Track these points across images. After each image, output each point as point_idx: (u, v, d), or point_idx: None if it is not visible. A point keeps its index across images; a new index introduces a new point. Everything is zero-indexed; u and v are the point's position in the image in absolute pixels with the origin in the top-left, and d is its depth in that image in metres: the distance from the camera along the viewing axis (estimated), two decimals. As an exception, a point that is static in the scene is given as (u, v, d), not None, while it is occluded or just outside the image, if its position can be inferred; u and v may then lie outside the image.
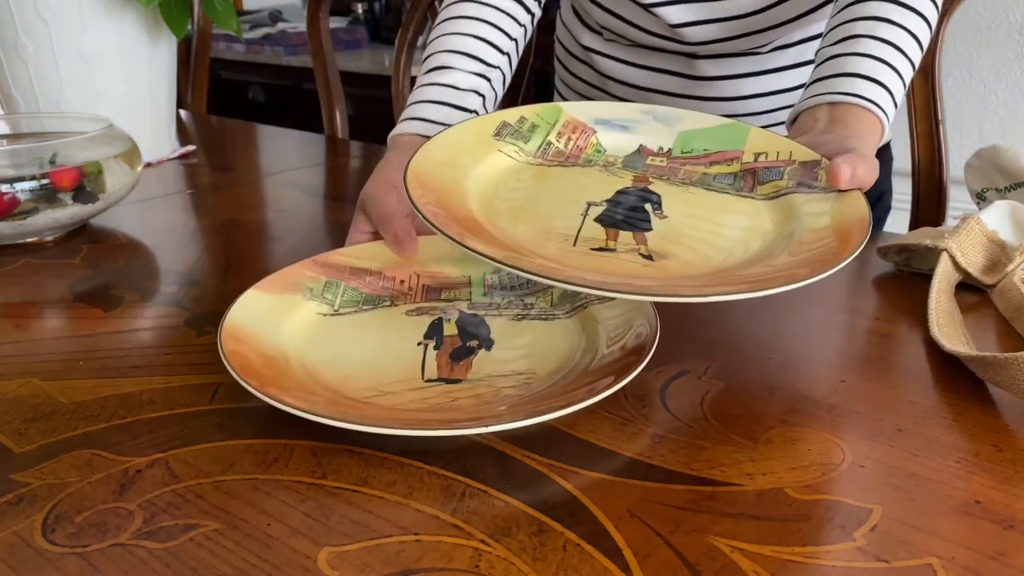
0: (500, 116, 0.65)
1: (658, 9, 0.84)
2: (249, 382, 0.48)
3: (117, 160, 0.83)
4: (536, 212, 0.57)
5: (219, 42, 2.99)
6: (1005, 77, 1.97)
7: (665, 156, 0.61)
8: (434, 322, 0.58)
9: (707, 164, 0.60)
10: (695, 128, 0.63)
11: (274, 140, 1.32)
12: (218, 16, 1.09)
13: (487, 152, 0.62)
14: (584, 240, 0.54)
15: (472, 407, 0.49)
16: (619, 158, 0.62)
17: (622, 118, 0.64)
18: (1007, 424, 0.48)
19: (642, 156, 0.62)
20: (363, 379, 0.52)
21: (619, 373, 0.49)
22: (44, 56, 1.01)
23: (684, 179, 0.59)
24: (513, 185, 0.60)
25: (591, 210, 0.56)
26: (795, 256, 0.50)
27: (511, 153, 0.62)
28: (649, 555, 0.39)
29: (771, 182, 0.56)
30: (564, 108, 0.66)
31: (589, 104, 0.68)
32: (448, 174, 0.58)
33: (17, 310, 0.67)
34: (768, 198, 0.55)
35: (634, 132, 0.64)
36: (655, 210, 0.56)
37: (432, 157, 0.59)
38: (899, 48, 0.63)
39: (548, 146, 0.63)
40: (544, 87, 3.09)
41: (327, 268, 0.62)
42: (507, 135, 0.64)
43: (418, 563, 0.38)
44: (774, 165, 0.57)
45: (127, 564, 0.39)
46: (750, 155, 0.59)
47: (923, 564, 0.38)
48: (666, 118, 0.64)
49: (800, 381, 0.54)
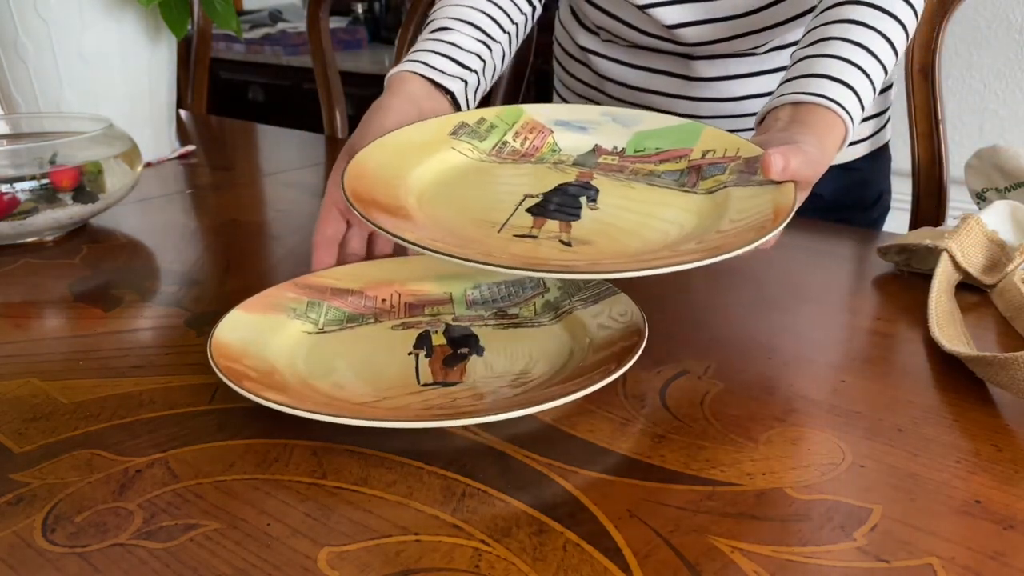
0: (459, 117, 0.65)
1: (653, 10, 0.84)
2: (245, 387, 0.48)
3: (117, 160, 0.83)
4: (474, 203, 0.57)
5: (219, 42, 2.99)
6: (1005, 77, 1.97)
7: (618, 155, 0.62)
8: (421, 334, 0.58)
9: (657, 162, 0.60)
10: (650, 128, 0.63)
11: (274, 140, 1.32)
12: (218, 16, 1.09)
13: (439, 149, 0.62)
14: (511, 228, 0.54)
15: (472, 407, 0.49)
16: (572, 156, 0.62)
17: (581, 120, 0.65)
18: (1007, 424, 0.48)
19: (596, 155, 0.62)
20: (359, 387, 0.52)
21: (612, 369, 0.49)
22: (44, 56, 1.01)
23: (630, 176, 0.59)
24: (459, 179, 0.60)
25: (526, 201, 0.56)
26: (704, 243, 0.50)
27: (464, 151, 0.63)
28: (649, 555, 0.39)
29: (712, 177, 0.56)
30: (525, 110, 0.66)
31: (551, 106, 0.68)
32: (394, 165, 0.59)
33: (17, 310, 0.67)
34: (708, 192, 0.55)
35: (591, 132, 0.64)
36: (589, 202, 0.56)
37: (380, 150, 0.59)
38: (869, 50, 0.63)
39: (504, 145, 0.63)
40: (544, 87, 3.08)
41: (308, 289, 0.62)
42: (464, 134, 0.64)
43: (418, 563, 0.38)
44: (719, 161, 0.57)
45: (127, 564, 0.39)
46: (698, 152, 0.59)
47: (923, 564, 0.38)
48: (625, 119, 0.64)
49: (800, 381, 0.54)
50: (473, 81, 0.75)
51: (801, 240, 0.80)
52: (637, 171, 0.59)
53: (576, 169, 0.60)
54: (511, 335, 0.58)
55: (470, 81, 0.75)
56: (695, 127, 0.62)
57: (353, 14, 3.18)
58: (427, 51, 0.74)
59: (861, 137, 0.93)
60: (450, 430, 0.49)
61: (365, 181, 0.56)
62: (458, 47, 0.75)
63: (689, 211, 0.54)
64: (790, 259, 0.74)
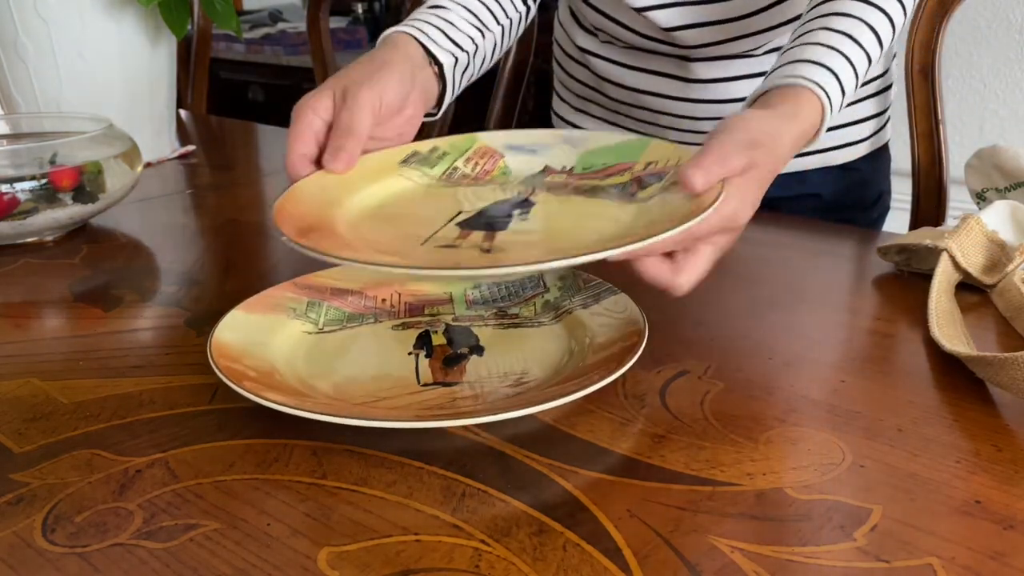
0: (412, 147, 0.65)
1: (649, 13, 0.84)
2: (245, 387, 0.48)
3: (117, 160, 0.83)
4: (407, 221, 0.56)
5: (219, 42, 2.99)
6: (1005, 77, 1.97)
7: (567, 174, 0.61)
8: (421, 334, 0.58)
9: (603, 177, 0.59)
10: (598, 146, 0.63)
11: (274, 140, 1.32)
12: (218, 16, 1.09)
13: (386, 176, 0.62)
14: (436, 240, 0.53)
15: (472, 407, 0.49)
16: (520, 177, 0.62)
17: (534, 143, 0.65)
18: (1007, 424, 0.48)
19: (545, 175, 0.62)
20: (359, 388, 0.52)
21: (612, 369, 0.49)
22: (44, 56, 1.01)
23: (572, 191, 0.58)
24: (400, 202, 0.60)
25: (459, 216, 0.56)
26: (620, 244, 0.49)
27: (413, 177, 0.63)
28: (649, 555, 0.39)
29: (652, 186, 0.56)
30: (478, 137, 0.66)
31: (505, 132, 0.68)
32: (335, 190, 0.58)
33: (17, 310, 0.67)
34: (644, 201, 0.55)
35: (541, 154, 0.64)
36: (520, 214, 0.56)
37: (324, 178, 0.59)
38: (851, 36, 0.62)
39: (454, 171, 0.63)
40: (544, 87, 3.07)
41: (307, 289, 0.62)
42: (415, 162, 0.64)
43: (418, 563, 0.38)
44: (660, 171, 0.57)
45: (127, 564, 0.39)
46: (642, 165, 0.59)
47: (923, 564, 0.38)
48: (575, 140, 0.64)
49: (800, 381, 0.54)
50: (463, 60, 0.74)
51: (801, 240, 0.80)
52: (580, 187, 0.59)
53: (520, 187, 0.60)
54: (511, 335, 0.58)
55: (460, 59, 0.74)
56: (641, 141, 0.61)
57: (353, 14, 3.18)
58: (422, 21, 0.72)
59: (861, 137, 0.93)
60: (450, 430, 0.49)
61: (301, 206, 0.55)
62: (453, 25, 0.73)
63: (619, 218, 0.54)
64: (790, 259, 0.74)
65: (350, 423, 0.45)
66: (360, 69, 0.65)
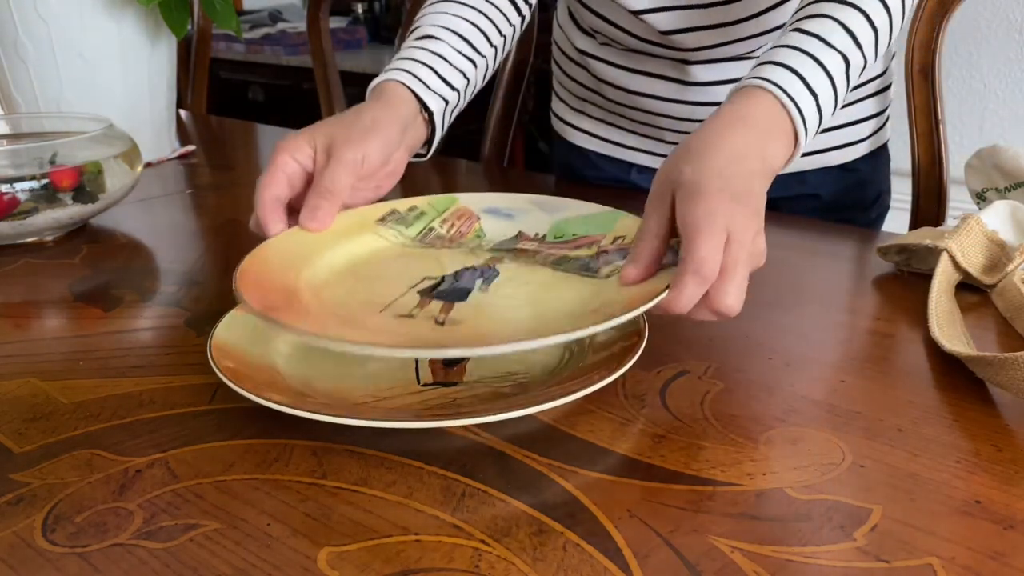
0: (391, 205, 0.65)
1: (647, 16, 0.83)
2: (245, 387, 0.48)
3: (117, 160, 0.83)
4: (373, 285, 0.56)
5: (219, 42, 2.99)
6: (1005, 77, 1.97)
7: (539, 241, 0.62)
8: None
9: (572, 248, 0.60)
10: (572, 215, 0.63)
11: (274, 140, 1.31)
12: (218, 16, 1.09)
13: (362, 234, 0.62)
14: (395, 307, 0.53)
15: (472, 407, 0.49)
16: (493, 242, 0.62)
17: (510, 207, 0.65)
18: (1007, 424, 0.48)
19: (518, 241, 0.62)
20: (359, 389, 0.52)
21: (612, 369, 0.49)
22: (44, 56, 1.01)
23: (539, 261, 0.59)
24: (371, 263, 0.60)
25: (423, 282, 0.56)
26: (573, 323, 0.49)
27: (388, 236, 0.63)
28: (649, 555, 0.39)
29: (613, 264, 0.56)
30: (458, 198, 0.66)
31: (483, 195, 0.68)
32: (307, 247, 0.58)
33: (17, 310, 0.67)
34: (605, 277, 0.55)
35: (516, 219, 0.64)
36: (483, 284, 0.56)
37: (297, 235, 0.59)
38: (820, 37, 0.59)
39: (430, 231, 0.63)
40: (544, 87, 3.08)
41: None
42: (392, 221, 0.64)
43: (418, 563, 0.38)
44: (625, 247, 0.57)
45: (127, 564, 0.39)
46: (609, 239, 0.59)
47: (923, 564, 0.38)
48: (551, 207, 0.64)
49: (800, 381, 0.54)
50: (453, 100, 0.74)
51: (801, 240, 0.80)
52: (548, 257, 0.59)
53: (489, 254, 0.61)
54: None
55: (450, 101, 0.73)
56: (613, 214, 0.62)
57: (353, 14, 3.18)
58: (413, 60, 0.71)
59: (860, 137, 0.93)
60: (450, 430, 0.49)
61: (268, 264, 0.55)
62: (445, 59, 0.72)
63: (578, 296, 0.54)
64: (790, 259, 0.74)
65: (350, 423, 0.45)
66: (347, 125, 0.64)
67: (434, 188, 1.08)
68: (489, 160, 1.22)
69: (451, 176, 1.11)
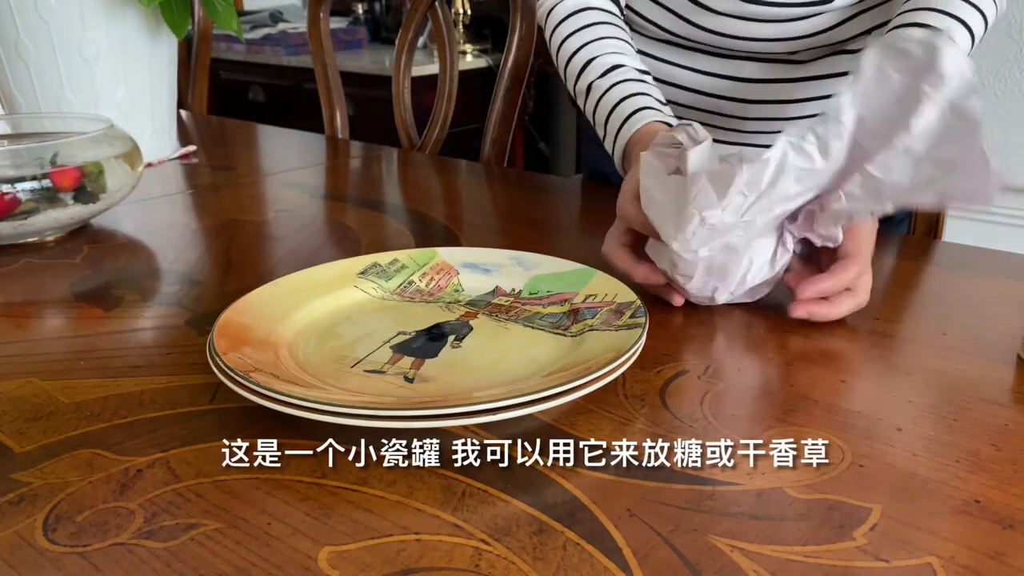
0: (372, 258, 0.66)
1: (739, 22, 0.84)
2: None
3: (118, 160, 0.83)
4: (350, 336, 0.57)
5: (219, 42, 2.99)
6: (1004, 77, 1.97)
7: (514, 297, 0.63)
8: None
9: (545, 304, 0.61)
10: (548, 272, 0.64)
11: (274, 140, 1.32)
12: (219, 16, 1.09)
13: (342, 287, 0.63)
14: (366, 363, 0.54)
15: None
16: (470, 297, 0.63)
17: (488, 262, 0.66)
18: (1007, 424, 0.49)
19: (494, 296, 0.63)
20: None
21: (613, 369, 0.49)
22: (45, 56, 1.01)
23: (512, 317, 0.60)
24: (350, 315, 0.61)
25: (397, 337, 0.57)
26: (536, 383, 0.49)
27: (367, 289, 0.63)
28: (649, 555, 0.39)
29: (584, 321, 0.57)
30: (438, 252, 0.68)
31: (463, 249, 0.70)
32: (287, 300, 0.60)
33: (18, 310, 0.68)
34: (574, 336, 0.56)
35: (494, 274, 0.65)
36: (455, 340, 0.57)
37: (276, 288, 0.60)
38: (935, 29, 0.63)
39: (409, 284, 0.64)
40: (544, 87, 3.07)
41: None
42: (372, 274, 0.65)
43: (418, 563, 0.38)
44: (594, 306, 0.59)
45: (128, 564, 0.39)
46: (582, 297, 0.60)
47: (923, 564, 0.38)
48: (528, 264, 0.65)
49: (800, 381, 0.54)
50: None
51: (801, 240, 0.80)
52: (520, 313, 0.60)
53: (464, 308, 0.61)
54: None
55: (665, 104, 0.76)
56: (587, 272, 0.63)
57: (353, 14, 3.18)
58: (641, 94, 0.75)
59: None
60: (450, 429, 0.49)
61: (245, 315, 0.56)
62: (643, 82, 0.76)
63: (548, 353, 0.55)
64: (790, 259, 0.74)
65: (350, 423, 0.45)
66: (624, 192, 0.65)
67: (434, 187, 1.08)
68: (489, 160, 1.22)
69: (451, 176, 1.12)
